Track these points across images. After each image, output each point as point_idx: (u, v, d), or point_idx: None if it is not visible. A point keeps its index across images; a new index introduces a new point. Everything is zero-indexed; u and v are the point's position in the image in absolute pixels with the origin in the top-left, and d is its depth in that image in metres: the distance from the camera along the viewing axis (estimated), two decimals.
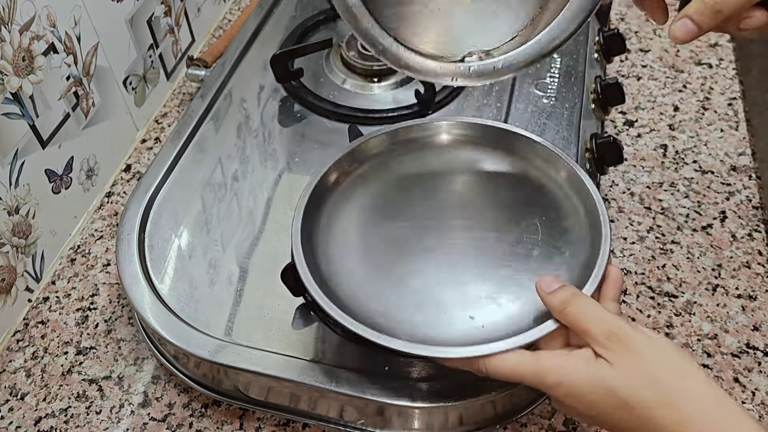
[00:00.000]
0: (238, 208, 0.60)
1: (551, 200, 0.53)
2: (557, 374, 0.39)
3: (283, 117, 0.69)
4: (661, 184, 0.70)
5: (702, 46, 0.84)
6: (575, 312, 0.40)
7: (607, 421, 0.38)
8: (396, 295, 0.48)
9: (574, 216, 0.52)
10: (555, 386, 0.39)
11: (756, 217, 0.66)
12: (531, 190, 0.54)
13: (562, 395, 0.39)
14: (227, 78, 0.72)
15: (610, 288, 0.45)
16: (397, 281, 0.49)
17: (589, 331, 0.39)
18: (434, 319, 0.46)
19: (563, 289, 0.42)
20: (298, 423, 0.53)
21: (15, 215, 0.59)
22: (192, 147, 0.65)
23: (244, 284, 0.55)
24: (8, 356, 0.59)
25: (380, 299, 0.48)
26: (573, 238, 0.50)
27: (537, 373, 0.40)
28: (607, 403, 0.38)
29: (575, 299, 0.41)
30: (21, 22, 0.56)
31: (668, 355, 0.38)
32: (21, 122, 0.58)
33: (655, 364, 0.38)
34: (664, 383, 0.37)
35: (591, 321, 0.39)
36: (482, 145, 0.57)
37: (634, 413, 0.37)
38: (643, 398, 0.37)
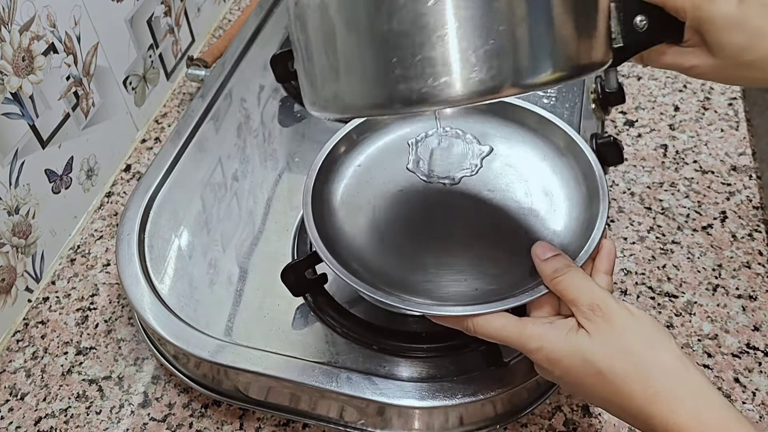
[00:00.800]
0: (238, 208, 0.60)
1: (553, 170, 0.54)
2: (538, 340, 0.41)
3: (283, 117, 0.69)
4: (662, 184, 0.70)
5: None
6: (565, 282, 0.42)
7: (583, 389, 0.40)
8: (392, 255, 0.49)
9: (575, 187, 0.52)
10: (536, 351, 0.41)
11: (756, 217, 0.66)
12: (534, 160, 0.55)
13: (541, 359, 0.41)
14: (227, 78, 0.72)
15: (603, 261, 0.46)
16: (393, 241, 0.50)
17: (575, 302, 0.41)
18: (429, 279, 0.48)
19: (558, 258, 0.43)
20: (298, 423, 0.53)
21: (15, 215, 0.59)
22: (192, 147, 0.65)
23: (244, 284, 0.55)
24: (8, 356, 0.59)
25: (377, 257, 0.49)
26: (571, 209, 0.51)
27: (520, 337, 0.41)
28: (582, 372, 0.39)
29: (568, 270, 0.42)
30: (21, 22, 0.56)
31: (646, 331, 0.40)
32: (21, 122, 0.58)
33: (632, 338, 0.39)
34: (638, 356, 0.38)
35: (578, 292, 0.41)
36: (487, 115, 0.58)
37: (607, 382, 0.38)
38: (615, 369, 0.38)
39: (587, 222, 0.49)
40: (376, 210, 0.53)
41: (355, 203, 0.53)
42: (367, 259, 0.49)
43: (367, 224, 0.52)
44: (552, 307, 0.44)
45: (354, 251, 0.50)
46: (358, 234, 0.51)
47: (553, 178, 0.53)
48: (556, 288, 0.42)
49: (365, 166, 0.56)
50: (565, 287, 0.42)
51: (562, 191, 0.53)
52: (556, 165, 0.54)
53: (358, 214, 0.52)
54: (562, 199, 0.52)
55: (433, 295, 0.47)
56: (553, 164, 0.54)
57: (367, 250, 0.50)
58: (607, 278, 0.45)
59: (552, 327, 0.41)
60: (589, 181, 0.52)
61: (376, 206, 0.53)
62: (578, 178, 0.53)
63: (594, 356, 0.39)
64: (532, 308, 0.44)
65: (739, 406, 0.53)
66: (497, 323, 0.42)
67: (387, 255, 0.50)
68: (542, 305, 0.44)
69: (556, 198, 0.52)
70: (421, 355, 0.50)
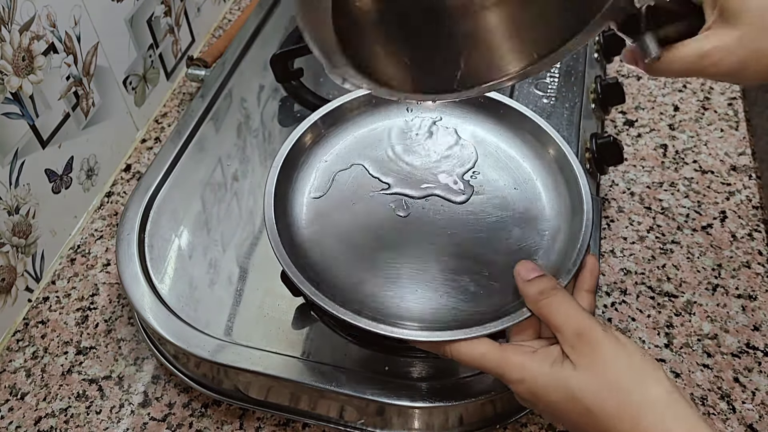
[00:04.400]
0: (238, 208, 0.60)
1: (535, 177, 0.51)
2: (520, 371, 0.39)
3: (283, 117, 0.69)
4: (661, 183, 0.70)
5: None
6: (550, 306, 0.40)
7: (568, 423, 0.38)
8: (367, 270, 0.47)
9: (558, 196, 0.50)
10: (517, 382, 0.39)
11: (756, 217, 0.66)
12: (515, 164, 0.52)
13: (523, 392, 0.39)
14: (227, 78, 0.72)
15: (586, 278, 0.44)
16: (368, 256, 0.48)
17: (560, 328, 0.39)
18: (405, 297, 0.46)
19: (543, 279, 0.41)
20: (298, 423, 0.53)
21: (15, 215, 0.59)
22: (192, 147, 0.65)
23: (244, 284, 0.55)
24: (8, 356, 0.59)
25: (350, 273, 0.47)
26: (554, 224, 0.49)
27: (501, 366, 0.39)
28: (569, 407, 0.37)
29: (553, 293, 0.40)
30: (21, 22, 0.56)
31: (635, 362, 0.37)
32: (21, 122, 0.58)
33: (620, 371, 0.37)
34: (627, 392, 0.36)
35: (564, 317, 0.39)
36: (470, 112, 0.55)
37: (595, 420, 0.36)
38: (604, 406, 0.36)
39: (571, 238, 0.47)
40: (344, 222, 0.50)
41: (324, 213, 0.50)
42: (335, 274, 0.46)
43: (337, 237, 0.49)
44: (534, 330, 0.42)
45: (322, 266, 0.47)
46: (326, 248, 0.48)
47: (538, 191, 0.51)
48: (540, 311, 0.40)
49: (331, 162, 0.52)
50: (549, 311, 0.40)
51: (547, 206, 0.50)
52: (542, 177, 0.52)
53: (327, 227, 0.49)
54: (546, 214, 0.50)
55: (409, 315, 0.44)
56: (539, 175, 0.52)
57: (336, 264, 0.47)
58: (589, 297, 0.43)
59: (535, 357, 0.39)
60: (573, 196, 0.49)
61: (344, 217, 0.50)
62: (563, 191, 0.50)
63: (581, 392, 0.37)
64: (513, 332, 0.42)
65: (739, 406, 0.53)
66: (477, 351, 0.40)
67: (358, 270, 0.47)
68: (524, 329, 0.42)
69: (539, 213, 0.50)
70: (421, 354, 0.50)
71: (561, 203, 0.50)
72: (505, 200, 0.50)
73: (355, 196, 0.51)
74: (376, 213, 0.50)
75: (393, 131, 0.55)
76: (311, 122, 0.53)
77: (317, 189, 0.52)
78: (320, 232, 0.49)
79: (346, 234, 0.49)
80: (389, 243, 0.48)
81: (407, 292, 0.46)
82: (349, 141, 0.54)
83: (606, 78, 0.71)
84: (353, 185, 0.52)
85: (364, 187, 0.51)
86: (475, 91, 0.44)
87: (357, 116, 0.55)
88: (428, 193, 0.51)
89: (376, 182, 0.52)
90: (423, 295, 0.46)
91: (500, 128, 0.54)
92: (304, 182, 0.52)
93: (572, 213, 0.48)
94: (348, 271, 0.47)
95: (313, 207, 0.50)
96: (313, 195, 0.51)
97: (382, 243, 0.48)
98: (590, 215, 0.47)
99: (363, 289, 0.46)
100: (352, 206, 0.50)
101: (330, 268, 0.47)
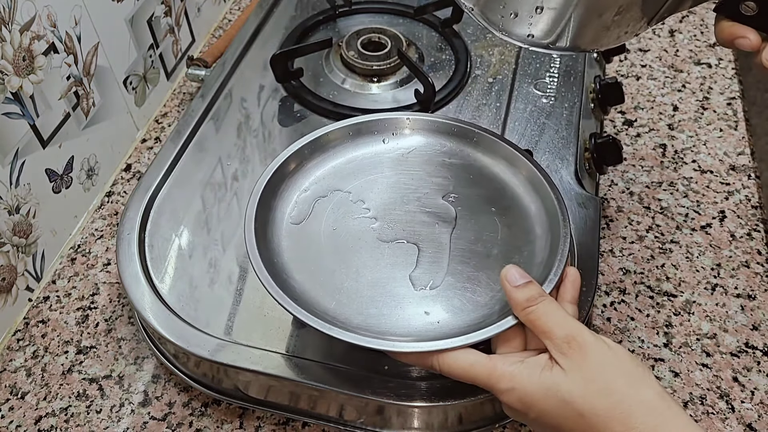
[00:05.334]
0: (238, 207, 0.60)
1: (512, 199, 0.53)
2: (510, 380, 0.38)
3: (283, 117, 0.69)
4: (660, 183, 0.70)
5: (701, 46, 0.84)
6: (538, 312, 0.40)
7: (559, 430, 0.38)
8: (350, 287, 0.48)
9: (535, 216, 0.51)
10: (507, 392, 0.39)
11: (755, 217, 0.66)
12: (493, 187, 0.54)
13: (514, 401, 0.39)
14: (227, 78, 0.72)
15: (568, 289, 0.44)
16: (352, 273, 0.49)
17: (549, 334, 0.39)
18: (389, 313, 0.46)
19: (530, 286, 0.41)
20: (298, 422, 0.53)
21: (15, 215, 0.59)
22: (192, 147, 0.65)
23: (244, 284, 0.55)
24: (8, 355, 0.59)
25: (335, 290, 0.48)
26: (532, 238, 0.50)
27: (490, 376, 0.39)
28: (560, 413, 0.37)
29: (541, 299, 0.40)
30: (21, 22, 0.56)
31: (625, 365, 0.38)
32: (21, 122, 0.58)
33: (611, 374, 0.37)
34: (618, 394, 0.36)
35: (552, 323, 0.39)
36: (446, 140, 0.57)
37: (586, 422, 0.36)
38: (596, 410, 0.36)
39: (551, 251, 0.47)
40: (326, 246, 0.50)
41: (305, 238, 0.51)
42: (320, 295, 0.47)
43: (319, 261, 0.50)
44: (520, 340, 0.42)
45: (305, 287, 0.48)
46: (309, 271, 0.49)
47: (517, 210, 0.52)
48: (527, 318, 0.40)
49: (313, 191, 0.54)
50: (537, 317, 0.39)
51: (526, 223, 0.51)
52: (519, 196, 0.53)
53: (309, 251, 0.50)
54: (525, 231, 0.50)
55: (395, 331, 0.45)
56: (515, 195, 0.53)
57: (319, 286, 0.48)
58: (572, 307, 0.43)
59: (524, 366, 0.39)
60: (551, 214, 0.50)
61: (325, 242, 0.51)
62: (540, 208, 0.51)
63: (572, 396, 0.37)
64: (499, 343, 0.42)
65: (738, 405, 0.53)
66: (465, 361, 0.40)
67: (342, 291, 0.47)
68: (509, 339, 0.41)
69: (519, 231, 0.51)
70: None
71: (539, 218, 0.51)
72: (484, 220, 0.52)
73: (336, 221, 0.52)
74: (358, 237, 0.51)
75: (373, 160, 0.57)
76: (293, 150, 0.55)
77: (298, 216, 0.53)
78: (303, 256, 0.50)
79: (328, 257, 0.50)
80: (372, 264, 0.49)
81: (392, 309, 0.47)
82: (328, 169, 0.56)
83: (605, 78, 0.71)
84: (334, 211, 0.53)
85: (344, 212, 0.53)
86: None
87: (337, 146, 0.57)
88: (409, 218, 0.52)
89: (357, 207, 0.53)
90: (408, 312, 0.46)
91: (475, 153, 0.56)
92: (285, 209, 0.53)
93: (549, 227, 0.50)
94: (332, 293, 0.48)
95: (294, 232, 0.52)
96: (294, 221, 0.52)
97: (365, 264, 0.49)
98: (567, 227, 0.48)
99: (347, 309, 0.47)
100: (333, 231, 0.52)
101: (313, 290, 0.48)
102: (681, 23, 0.88)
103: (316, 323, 0.43)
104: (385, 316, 0.46)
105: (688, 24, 0.88)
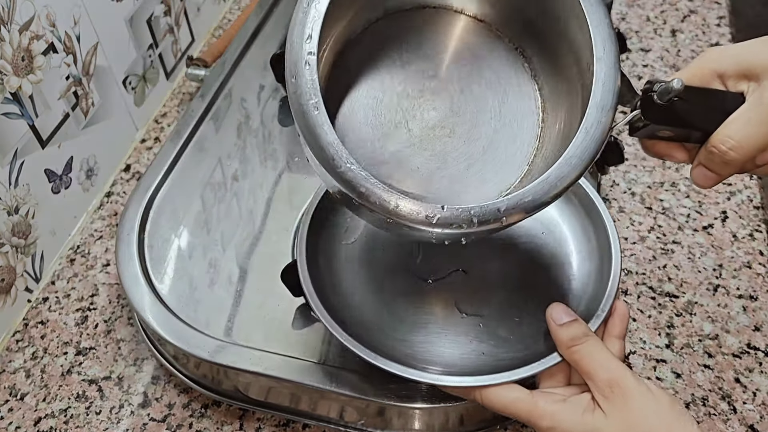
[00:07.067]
0: (238, 208, 0.60)
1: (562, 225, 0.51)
2: (551, 419, 0.39)
3: (283, 117, 0.69)
4: (662, 183, 0.69)
5: (703, 46, 0.84)
6: (583, 352, 0.40)
7: None
8: (397, 313, 0.47)
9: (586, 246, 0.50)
10: (548, 430, 0.39)
11: (757, 217, 0.66)
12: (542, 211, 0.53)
13: None
14: (227, 78, 0.72)
15: (616, 324, 0.44)
16: (398, 301, 0.48)
17: (592, 376, 0.39)
18: (434, 342, 0.46)
19: (575, 325, 0.41)
20: (298, 423, 0.53)
21: (14, 215, 0.58)
22: (192, 147, 0.65)
23: (244, 284, 0.55)
24: (8, 356, 0.59)
25: (381, 316, 0.47)
26: (582, 269, 0.49)
27: (531, 413, 0.39)
28: None
29: (586, 339, 0.40)
30: (20, 22, 0.56)
31: (667, 414, 0.38)
32: (20, 122, 0.58)
33: (652, 422, 0.37)
34: None
35: (596, 365, 0.39)
36: None
37: None
38: None
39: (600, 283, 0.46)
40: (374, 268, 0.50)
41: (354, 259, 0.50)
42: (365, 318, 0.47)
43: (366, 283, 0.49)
44: (564, 375, 0.42)
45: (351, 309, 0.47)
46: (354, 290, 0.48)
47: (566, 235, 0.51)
48: (572, 357, 0.40)
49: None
50: (581, 357, 0.39)
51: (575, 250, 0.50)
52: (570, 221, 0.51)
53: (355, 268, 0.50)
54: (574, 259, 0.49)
55: (438, 360, 0.44)
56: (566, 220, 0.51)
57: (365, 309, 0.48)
58: (619, 343, 0.43)
59: (566, 405, 0.39)
60: (602, 241, 0.48)
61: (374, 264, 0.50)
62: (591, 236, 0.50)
63: None
64: (543, 377, 0.42)
65: (740, 407, 0.53)
66: (507, 397, 0.40)
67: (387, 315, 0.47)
68: (554, 374, 0.42)
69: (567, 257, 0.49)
70: None
71: (590, 247, 0.49)
72: (533, 245, 0.50)
73: (385, 242, 0.51)
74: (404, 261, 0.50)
75: None
76: None
77: (349, 234, 0.52)
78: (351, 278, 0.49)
79: (376, 280, 0.49)
80: (418, 288, 0.49)
81: (436, 337, 0.46)
82: None
83: None
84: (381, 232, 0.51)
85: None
86: None
87: None
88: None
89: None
90: (452, 340, 0.46)
91: None
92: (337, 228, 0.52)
93: (600, 258, 0.48)
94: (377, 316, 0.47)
95: (344, 252, 0.51)
96: (345, 241, 0.51)
97: (411, 288, 0.49)
98: (619, 261, 0.46)
99: (392, 333, 0.46)
100: (382, 252, 0.51)
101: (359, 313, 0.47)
102: (683, 23, 0.88)
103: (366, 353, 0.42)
104: (430, 344, 0.45)
105: (689, 24, 0.88)
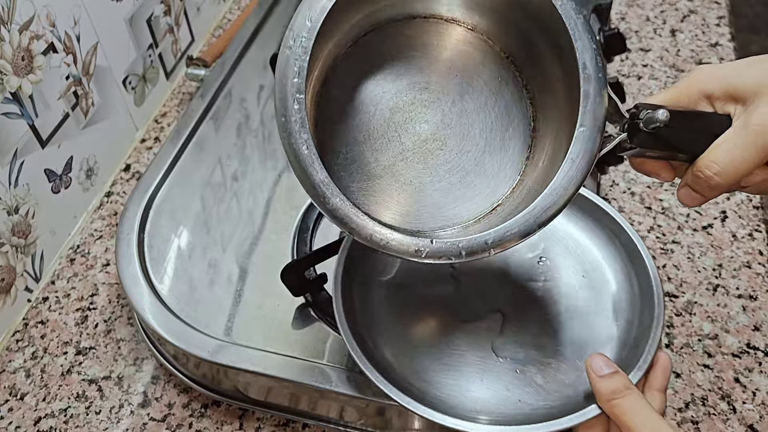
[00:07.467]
0: (237, 208, 0.60)
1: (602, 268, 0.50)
2: None
3: None
4: (662, 183, 0.70)
5: (702, 46, 0.84)
6: (623, 407, 0.39)
7: None
8: (431, 357, 0.46)
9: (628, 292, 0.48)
10: None
11: (756, 217, 0.66)
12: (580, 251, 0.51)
13: None
14: (227, 78, 0.72)
15: (658, 376, 0.43)
16: (434, 341, 0.47)
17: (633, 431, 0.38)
18: (469, 387, 0.45)
19: (617, 377, 0.40)
20: (298, 423, 0.53)
21: (14, 215, 0.58)
22: (192, 147, 0.65)
23: (244, 284, 0.55)
24: (8, 356, 0.59)
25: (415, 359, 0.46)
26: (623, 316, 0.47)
27: None
28: None
29: (627, 393, 0.39)
30: (20, 22, 0.56)
31: None
32: (20, 122, 0.58)
33: None
34: None
35: (637, 420, 0.38)
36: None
37: None
38: None
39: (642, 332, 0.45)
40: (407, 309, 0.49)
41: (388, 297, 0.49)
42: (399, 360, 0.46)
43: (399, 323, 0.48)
44: (602, 428, 0.41)
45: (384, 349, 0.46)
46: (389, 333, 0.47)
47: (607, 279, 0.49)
48: (612, 411, 0.39)
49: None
50: (623, 412, 0.39)
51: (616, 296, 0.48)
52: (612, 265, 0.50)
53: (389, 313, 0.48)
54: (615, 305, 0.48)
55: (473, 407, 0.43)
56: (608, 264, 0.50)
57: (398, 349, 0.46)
58: (660, 397, 0.42)
59: None
60: (644, 288, 0.47)
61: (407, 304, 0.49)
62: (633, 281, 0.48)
63: None
64: (580, 429, 0.41)
65: (740, 406, 0.53)
66: None
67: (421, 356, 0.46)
68: (592, 426, 0.41)
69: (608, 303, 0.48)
70: None
71: (631, 294, 0.48)
72: (572, 288, 0.49)
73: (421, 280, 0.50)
74: (441, 300, 0.49)
75: None
76: None
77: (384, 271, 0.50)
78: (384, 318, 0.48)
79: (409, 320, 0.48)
80: (453, 329, 0.48)
81: (471, 381, 0.45)
82: None
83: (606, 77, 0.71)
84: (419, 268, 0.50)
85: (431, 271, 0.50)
86: None
87: None
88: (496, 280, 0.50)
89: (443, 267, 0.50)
90: (488, 386, 0.45)
91: (569, 214, 0.52)
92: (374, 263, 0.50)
93: (642, 305, 0.47)
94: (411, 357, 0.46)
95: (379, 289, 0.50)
96: (380, 277, 0.50)
97: (446, 329, 0.48)
98: (662, 309, 0.45)
99: (426, 376, 0.45)
100: (419, 289, 0.49)
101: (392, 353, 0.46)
102: (682, 23, 0.88)
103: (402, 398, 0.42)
104: (465, 389, 0.44)
105: (689, 23, 0.88)
